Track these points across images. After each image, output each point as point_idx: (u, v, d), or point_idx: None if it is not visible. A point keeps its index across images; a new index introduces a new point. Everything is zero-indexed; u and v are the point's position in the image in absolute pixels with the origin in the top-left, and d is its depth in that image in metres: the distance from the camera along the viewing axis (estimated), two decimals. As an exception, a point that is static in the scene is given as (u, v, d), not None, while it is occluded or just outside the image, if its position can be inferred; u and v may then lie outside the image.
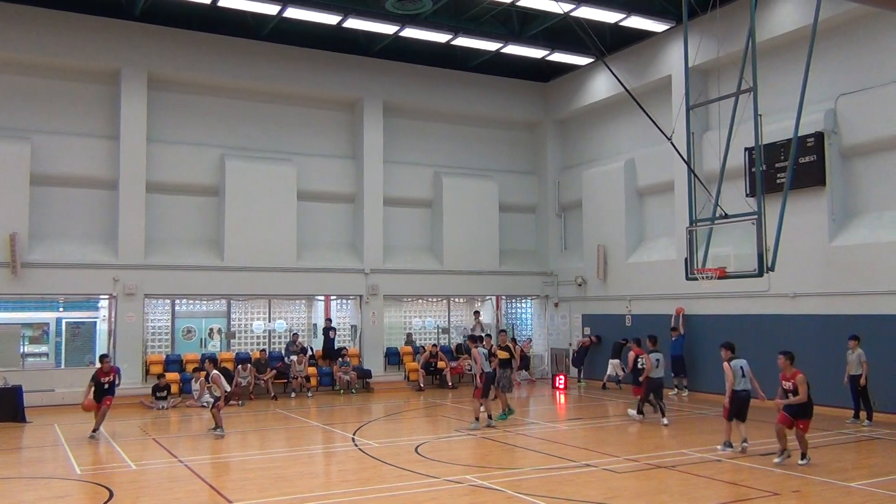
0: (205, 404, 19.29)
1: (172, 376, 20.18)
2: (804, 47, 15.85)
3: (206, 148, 22.06)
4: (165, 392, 19.25)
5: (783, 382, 11.91)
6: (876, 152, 17.05)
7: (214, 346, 22.30)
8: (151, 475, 11.36)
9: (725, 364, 12.92)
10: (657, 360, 15.98)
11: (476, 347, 15.87)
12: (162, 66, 21.22)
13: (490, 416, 15.60)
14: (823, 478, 10.67)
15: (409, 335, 25.00)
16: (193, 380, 19.79)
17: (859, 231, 17.15)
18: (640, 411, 16.22)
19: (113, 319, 20.61)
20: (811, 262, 17.58)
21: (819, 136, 17.42)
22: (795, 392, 11.60)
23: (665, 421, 15.54)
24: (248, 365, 20.85)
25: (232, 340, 22.43)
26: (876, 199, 17.15)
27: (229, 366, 21.16)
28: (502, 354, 16.70)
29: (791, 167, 16.03)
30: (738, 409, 12.66)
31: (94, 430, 14.56)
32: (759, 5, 16.89)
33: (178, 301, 21.95)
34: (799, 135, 16.17)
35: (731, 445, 12.62)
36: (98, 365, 15.27)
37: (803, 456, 11.48)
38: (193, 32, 21.42)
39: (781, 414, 11.62)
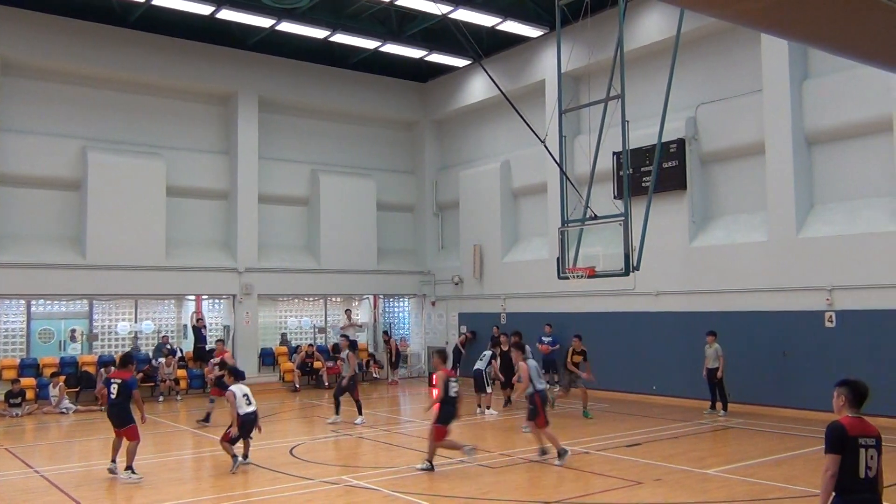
0: (63, 411, 18.28)
1: (28, 381, 18.94)
2: (668, 57, 16.70)
3: (66, 139, 20.80)
4: (20, 399, 18.05)
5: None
6: (731, 159, 18.16)
7: (75, 349, 21.10)
8: (4, 487, 10.62)
9: (522, 364, 12.20)
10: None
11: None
12: (16, 51, 19.85)
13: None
14: (683, 466, 11.27)
15: (284, 335, 24.53)
16: (52, 385, 18.72)
17: (716, 233, 18.22)
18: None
19: (-41, 321, 19.14)
20: (673, 262, 18.52)
21: (681, 143, 18.38)
22: None
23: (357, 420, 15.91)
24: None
25: (94, 343, 21.28)
26: (731, 203, 18.27)
27: (91, 369, 20.10)
28: (578, 358, 16.69)
29: (655, 171, 16.85)
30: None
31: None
32: (626, 16, 17.64)
33: (34, 301, 20.62)
34: (662, 141, 17.04)
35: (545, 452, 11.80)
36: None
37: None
38: (51, 16, 20.13)
39: None
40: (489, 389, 17.29)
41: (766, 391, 16.54)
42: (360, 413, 16.10)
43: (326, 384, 22.94)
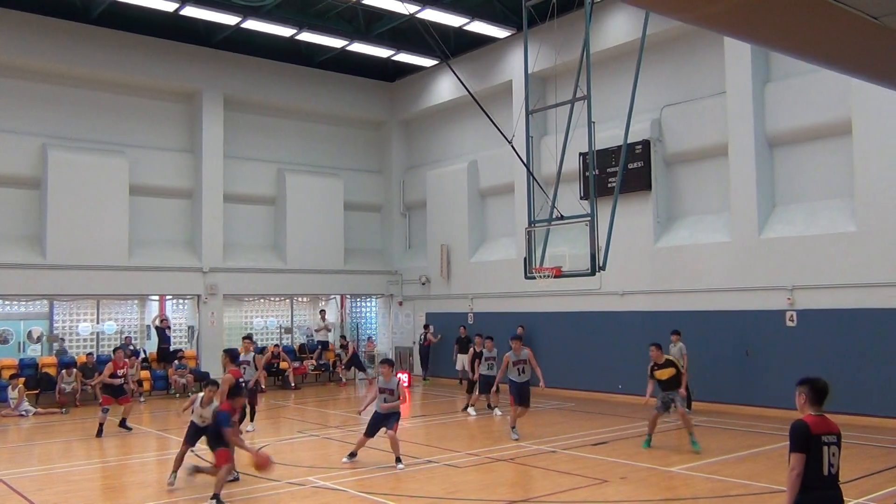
0: (23, 413, 17.91)
1: (-15, 384, 18.54)
2: (634, 60, 16.87)
3: (26, 136, 20.37)
4: (-23, 401, 17.66)
5: None
6: (695, 160, 18.40)
7: (35, 350, 20.70)
8: (-41, 493, 10.38)
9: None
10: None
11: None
12: (-26, 46, 19.45)
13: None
14: (647, 464, 11.40)
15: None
16: (10, 387, 18.33)
17: (680, 233, 18.44)
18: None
19: (-86, 323, 18.64)
20: (638, 262, 18.71)
21: (646, 144, 18.57)
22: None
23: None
24: (74, 370, 19.51)
25: (55, 344, 20.89)
26: (695, 204, 18.51)
27: (51, 371, 19.74)
28: (665, 373, 12.83)
29: (621, 172, 17.00)
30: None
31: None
32: (593, 18, 17.78)
33: (-8, 302, 20.21)
34: (628, 142, 17.20)
35: None
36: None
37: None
38: (10, 10, 19.69)
39: None
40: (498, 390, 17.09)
41: (729, 389, 16.78)
42: (251, 419, 15.09)
43: (293, 385, 22.81)
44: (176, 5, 19.28)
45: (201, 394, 10.89)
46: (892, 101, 13.61)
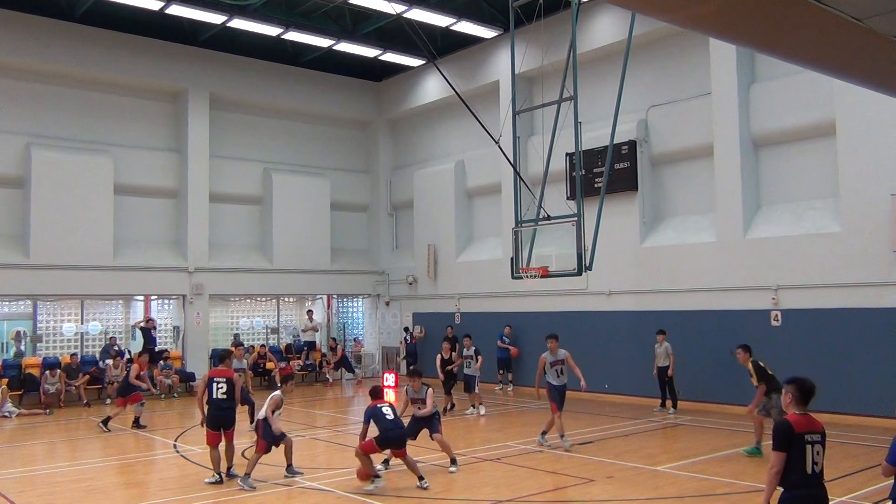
0: (6, 414, 17.76)
1: (-32, 385, 18.36)
2: (620, 60, 16.91)
3: (9, 135, 20.20)
4: (-41, 402, 17.49)
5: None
6: (681, 161, 18.48)
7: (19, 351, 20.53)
8: (-59, 495, 10.28)
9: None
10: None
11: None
12: (-43, 44, 19.27)
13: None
14: (634, 463, 11.43)
15: (236, 335, 24.21)
16: (-7, 388, 18.20)
17: (666, 233, 18.52)
18: None
19: None
20: (624, 262, 18.77)
21: (632, 144, 18.63)
22: None
23: None
24: (58, 370, 19.38)
25: (38, 344, 20.72)
26: (681, 204, 18.59)
27: (35, 372, 19.58)
28: (754, 379, 12.27)
29: (607, 172, 17.04)
30: None
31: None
32: (579, 19, 17.81)
33: (-25, 302, 20.02)
34: (614, 142, 17.25)
35: None
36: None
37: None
38: (-5, 9, 19.62)
39: None
40: (476, 389, 17.13)
41: (714, 389, 16.86)
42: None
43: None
44: (161, 4, 19.16)
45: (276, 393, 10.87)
46: (875, 102, 13.70)
